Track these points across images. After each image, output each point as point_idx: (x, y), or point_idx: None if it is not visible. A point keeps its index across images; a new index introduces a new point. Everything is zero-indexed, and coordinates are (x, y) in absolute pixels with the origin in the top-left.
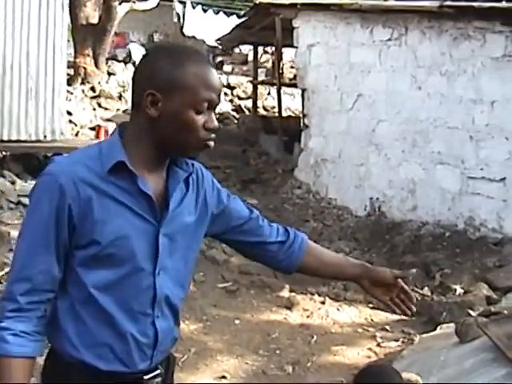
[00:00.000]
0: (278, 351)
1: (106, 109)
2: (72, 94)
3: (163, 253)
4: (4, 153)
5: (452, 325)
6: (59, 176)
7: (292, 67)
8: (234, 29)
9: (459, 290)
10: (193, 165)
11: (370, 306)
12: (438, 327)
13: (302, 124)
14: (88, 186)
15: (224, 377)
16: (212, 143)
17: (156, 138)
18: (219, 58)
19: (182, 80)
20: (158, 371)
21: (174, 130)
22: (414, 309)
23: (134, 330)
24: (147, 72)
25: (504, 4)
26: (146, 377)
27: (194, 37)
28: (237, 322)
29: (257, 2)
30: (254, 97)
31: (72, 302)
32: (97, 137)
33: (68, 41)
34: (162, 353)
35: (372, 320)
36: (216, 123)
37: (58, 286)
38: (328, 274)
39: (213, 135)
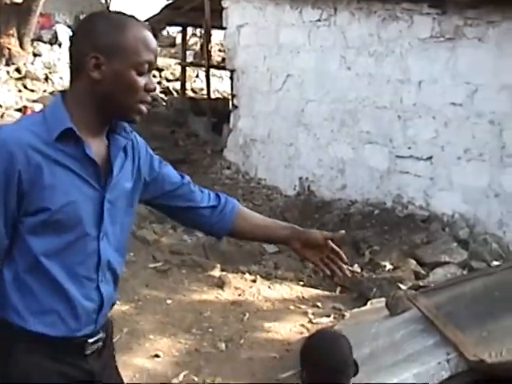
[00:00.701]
0: (210, 329)
1: (31, 90)
2: None
3: (106, 218)
4: None
5: (382, 299)
6: (7, 142)
7: (220, 50)
8: (162, 9)
9: (388, 266)
10: (131, 131)
11: (301, 283)
12: (369, 302)
13: (230, 105)
14: (36, 153)
15: (157, 356)
16: (146, 108)
17: (99, 102)
18: None
19: (125, 42)
20: (101, 335)
21: (116, 91)
22: (347, 271)
23: (80, 295)
24: (88, 36)
25: None
26: (90, 340)
27: None
28: (169, 301)
29: None
30: (183, 79)
31: (18, 271)
32: None
33: None
34: (104, 317)
35: (303, 297)
36: (155, 85)
37: (4, 255)
38: (260, 236)
39: (149, 98)
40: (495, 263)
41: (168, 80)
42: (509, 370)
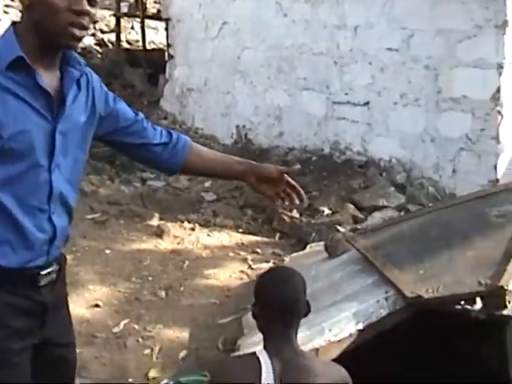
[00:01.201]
0: (150, 278)
1: None
2: None
3: (58, 150)
4: None
5: (321, 243)
6: None
7: (156, 1)
8: None
9: (327, 212)
10: (86, 65)
11: (240, 230)
12: (308, 246)
13: (166, 55)
14: None
15: (97, 305)
16: (82, 32)
17: (36, 29)
18: None
19: None
20: (54, 267)
21: (42, 15)
22: (305, 200)
23: (33, 226)
24: None
25: None
26: (42, 272)
27: None
28: (107, 251)
29: None
30: (118, 30)
31: None
32: None
33: None
34: (57, 249)
35: (242, 244)
36: (85, 6)
37: None
38: (213, 171)
39: (83, 21)
40: None
41: (103, 32)
42: (444, 303)
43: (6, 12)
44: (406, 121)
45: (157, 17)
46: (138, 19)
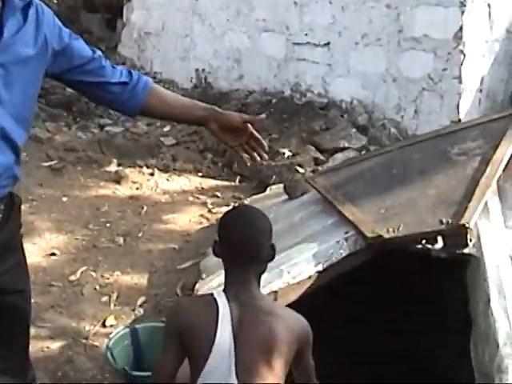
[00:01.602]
0: (108, 224)
1: None
2: None
3: None
4: None
5: (281, 185)
6: None
7: None
8: None
9: (287, 154)
10: None
11: (200, 174)
12: (268, 189)
13: None
14: None
15: (53, 254)
16: None
17: None
18: None
19: None
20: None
21: None
22: (266, 156)
23: None
24: None
25: None
26: None
27: None
28: (64, 199)
29: None
30: None
31: None
32: None
33: None
34: (1, 188)
35: (202, 188)
36: None
37: None
38: (175, 115)
39: None
40: None
41: None
42: (405, 243)
43: None
44: (368, 61)
45: None
46: None
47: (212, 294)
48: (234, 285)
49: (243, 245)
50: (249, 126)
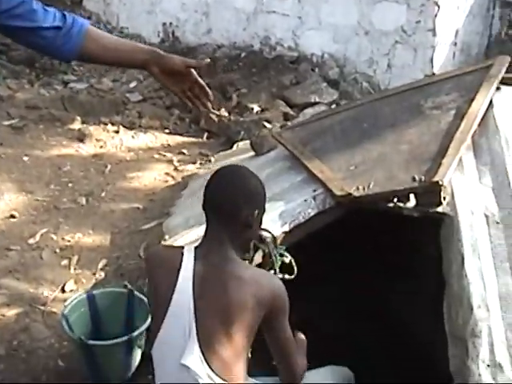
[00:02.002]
0: (70, 184)
1: None
2: None
3: None
4: None
5: (248, 141)
6: None
7: None
8: None
9: (256, 109)
10: None
11: (167, 131)
12: (235, 145)
13: None
14: None
15: (12, 216)
16: None
17: None
18: None
19: None
20: None
21: None
22: (210, 106)
23: None
24: None
25: None
26: None
27: None
28: (25, 158)
29: None
30: None
31: None
32: None
33: None
34: None
35: (169, 145)
36: None
37: None
38: (114, 59)
39: None
40: None
41: None
42: (376, 201)
43: None
44: (339, 13)
45: None
46: None
47: (182, 248)
48: (207, 243)
49: (217, 202)
50: (192, 71)
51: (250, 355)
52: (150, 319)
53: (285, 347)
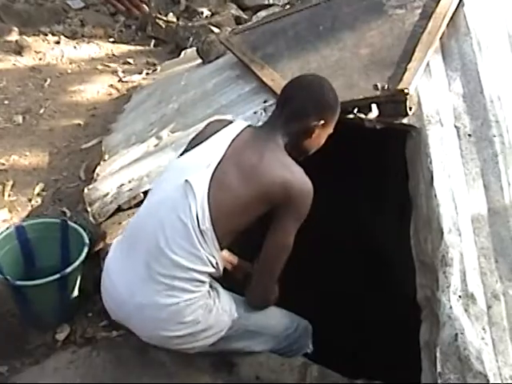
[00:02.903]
0: (6, 101)
1: None
2: None
3: None
4: None
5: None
6: None
7: None
8: None
9: (206, 13)
10: None
11: (111, 40)
12: (183, 52)
13: None
14: None
15: None
16: None
17: None
18: None
19: None
20: None
21: None
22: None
23: None
24: None
25: None
26: None
27: None
28: None
29: None
30: None
31: None
32: None
33: None
34: None
35: (113, 55)
36: None
37: None
38: None
39: None
40: None
41: None
42: None
43: None
44: None
45: None
46: None
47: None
48: (264, 127)
49: (289, 97)
50: None
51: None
52: (85, 252)
53: (269, 249)
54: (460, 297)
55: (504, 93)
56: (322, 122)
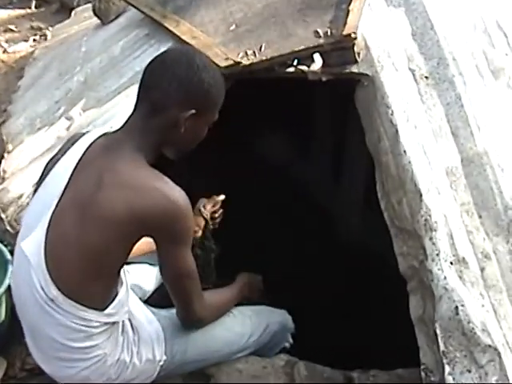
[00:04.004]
0: None
1: None
2: None
3: None
4: None
5: (89, 5)
6: None
7: None
8: None
9: None
10: None
11: None
12: (73, 13)
13: None
14: None
15: None
16: None
17: None
18: None
19: None
20: None
21: None
22: None
23: None
24: None
25: None
26: None
27: None
28: None
29: None
30: None
31: None
32: None
33: None
34: None
35: None
36: None
37: None
38: None
39: None
40: None
41: None
42: (270, 67)
43: None
44: None
45: None
46: None
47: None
48: (124, 128)
49: (149, 85)
50: None
51: None
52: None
53: (172, 278)
54: (452, 263)
55: (457, 26)
56: (193, 111)
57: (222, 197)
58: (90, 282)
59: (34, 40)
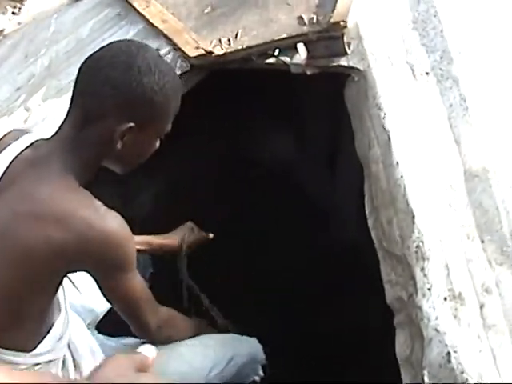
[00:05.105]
0: None
1: None
2: None
3: None
4: None
5: None
6: None
7: None
8: None
9: None
10: None
11: None
12: None
13: None
14: None
15: None
16: None
17: None
18: None
19: None
20: None
21: None
22: None
23: None
24: None
25: None
26: None
27: None
28: None
29: None
30: None
31: None
32: None
33: None
34: None
35: None
36: None
37: None
38: None
39: None
40: None
41: None
42: (247, 58)
43: None
44: None
45: None
46: None
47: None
48: (54, 140)
49: (81, 91)
50: None
51: None
52: None
53: (127, 310)
54: (445, 299)
55: (466, 13)
56: (131, 124)
57: (211, 235)
58: (8, 326)
59: (13, 13)
